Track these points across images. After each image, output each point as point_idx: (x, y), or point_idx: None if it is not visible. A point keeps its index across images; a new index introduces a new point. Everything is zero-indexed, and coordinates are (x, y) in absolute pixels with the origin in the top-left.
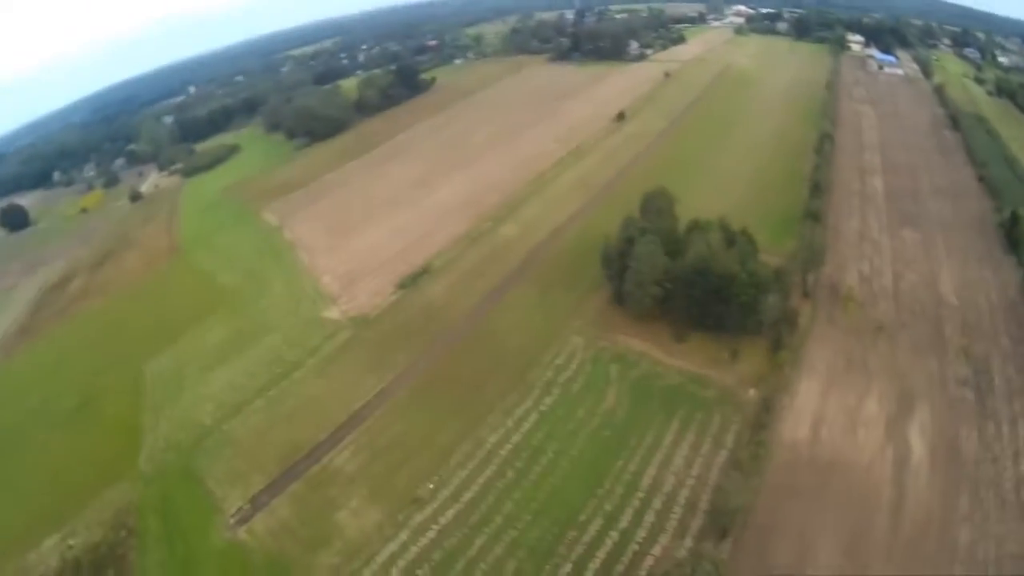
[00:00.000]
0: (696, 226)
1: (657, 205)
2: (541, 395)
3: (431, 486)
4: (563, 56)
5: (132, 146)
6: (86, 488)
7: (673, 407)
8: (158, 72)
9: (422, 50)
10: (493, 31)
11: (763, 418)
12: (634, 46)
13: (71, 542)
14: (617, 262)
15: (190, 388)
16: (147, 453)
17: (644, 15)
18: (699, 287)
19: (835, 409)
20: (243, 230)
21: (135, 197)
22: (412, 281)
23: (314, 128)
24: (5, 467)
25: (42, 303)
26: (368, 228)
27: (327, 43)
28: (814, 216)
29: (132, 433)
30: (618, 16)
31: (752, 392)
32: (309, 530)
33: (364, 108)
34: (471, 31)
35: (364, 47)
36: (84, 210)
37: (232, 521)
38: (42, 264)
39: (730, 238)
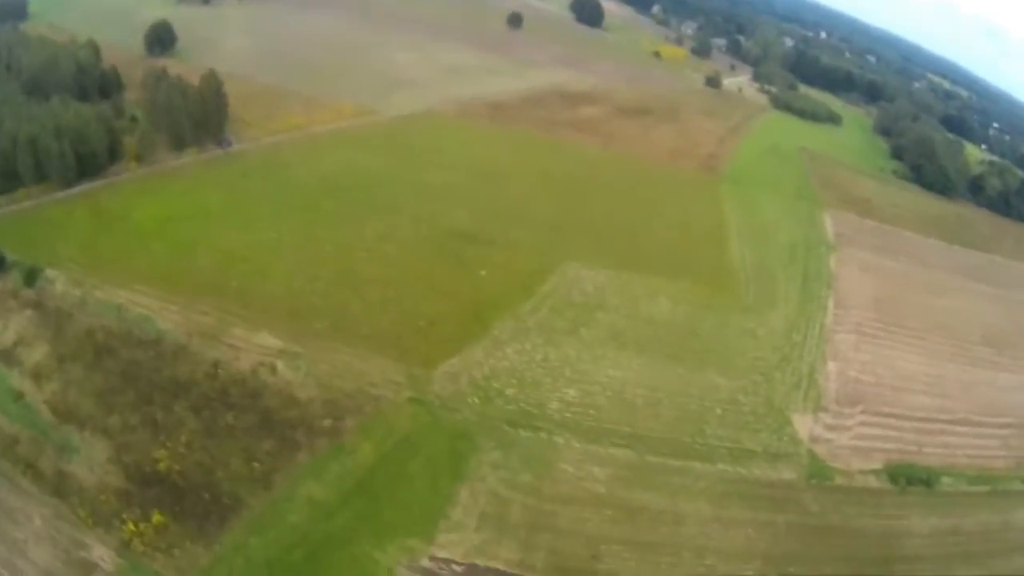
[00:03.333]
0: None
1: None
2: None
3: None
4: None
5: (741, 37)
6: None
7: None
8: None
9: None
10: None
11: None
12: None
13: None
14: None
15: (581, 333)
16: (451, 371)
17: None
18: None
19: None
20: (793, 211)
21: (713, 82)
22: (907, 476)
23: (924, 169)
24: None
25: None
26: (917, 347)
27: (962, 91)
28: None
29: (474, 327)
30: None
31: None
32: None
33: (978, 193)
34: None
35: (996, 125)
36: (657, 54)
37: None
38: (575, 66)
39: None
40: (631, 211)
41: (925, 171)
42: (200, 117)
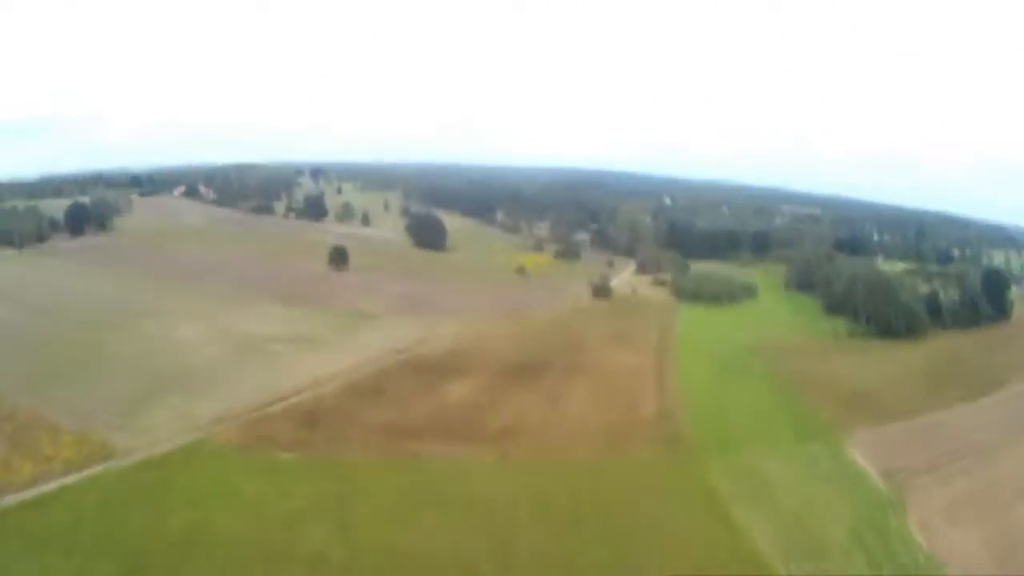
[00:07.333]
0: None
1: None
2: None
3: None
4: None
5: (596, 227)
6: None
7: None
8: (633, 173)
9: (948, 258)
10: None
11: None
12: None
13: None
14: None
15: None
16: None
17: None
18: None
19: None
20: (814, 466)
21: (602, 292)
22: None
23: (884, 317)
24: None
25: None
26: None
27: (815, 210)
28: None
29: None
30: None
31: None
32: None
33: (936, 315)
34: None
35: (874, 228)
36: (522, 269)
37: None
38: (424, 310)
39: None
40: None
41: (889, 319)
42: None
